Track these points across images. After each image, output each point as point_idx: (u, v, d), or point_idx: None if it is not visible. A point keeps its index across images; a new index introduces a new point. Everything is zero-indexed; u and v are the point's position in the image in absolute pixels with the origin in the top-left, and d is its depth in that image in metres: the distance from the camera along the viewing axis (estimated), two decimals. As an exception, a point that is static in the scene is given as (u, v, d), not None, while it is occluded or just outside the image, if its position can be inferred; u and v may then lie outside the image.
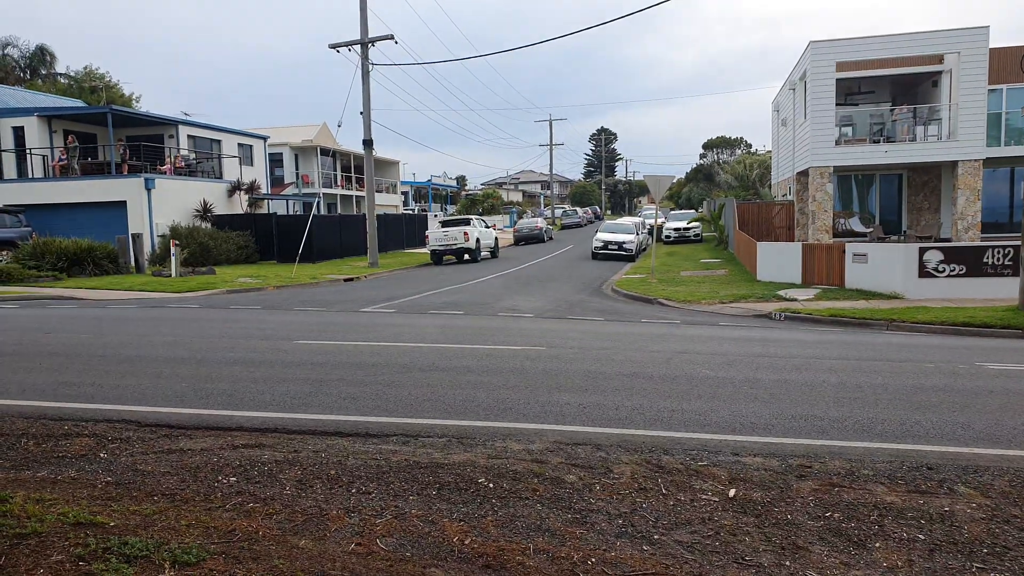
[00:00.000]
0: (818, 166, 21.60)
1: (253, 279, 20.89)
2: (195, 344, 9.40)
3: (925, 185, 23.85)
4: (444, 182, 78.86)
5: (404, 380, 7.02)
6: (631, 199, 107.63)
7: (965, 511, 3.85)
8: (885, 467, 4.55)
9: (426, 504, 3.89)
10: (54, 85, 44.53)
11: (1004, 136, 22.50)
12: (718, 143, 77.95)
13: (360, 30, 26.68)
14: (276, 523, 3.60)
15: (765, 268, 19.21)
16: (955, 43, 20.32)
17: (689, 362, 8.14)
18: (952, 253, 15.15)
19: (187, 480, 4.23)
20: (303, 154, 42.67)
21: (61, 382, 6.93)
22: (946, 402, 6.27)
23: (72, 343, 9.46)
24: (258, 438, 5.13)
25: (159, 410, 5.89)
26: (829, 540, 3.50)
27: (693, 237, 36.65)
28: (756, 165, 53.39)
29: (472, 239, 28.98)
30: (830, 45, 21.24)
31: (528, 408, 5.97)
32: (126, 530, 3.41)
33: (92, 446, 4.90)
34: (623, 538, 3.50)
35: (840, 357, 8.74)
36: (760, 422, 5.59)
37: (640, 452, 4.82)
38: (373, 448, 4.87)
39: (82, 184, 25.43)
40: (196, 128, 31.44)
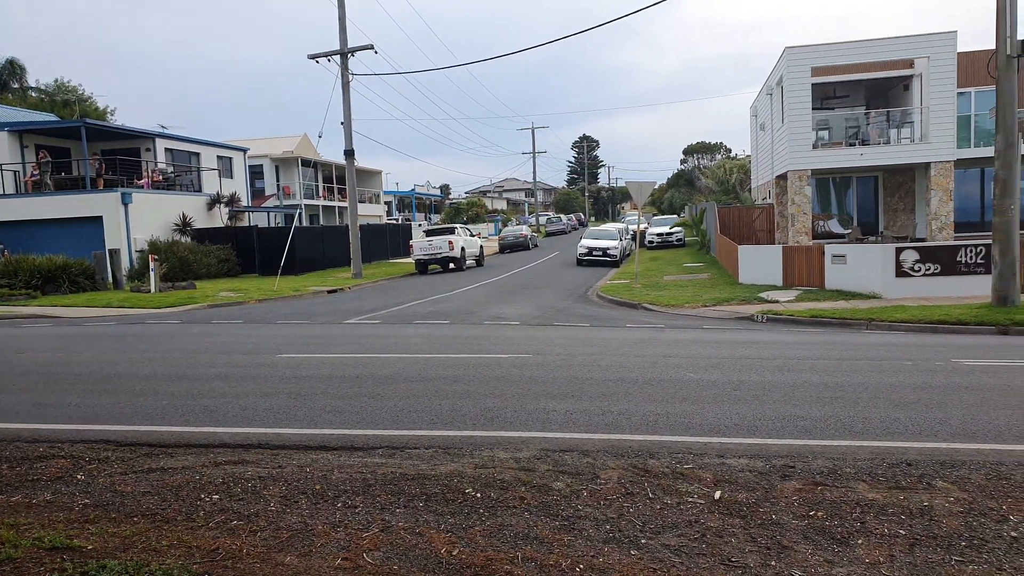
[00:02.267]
0: (796, 169, 21.89)
1: (234, 293, 20.70)
2: (175, 360, 9.29)
3: (900, 186, 24.25)
4: (428, 191, 78.82)
5: (389, 391, 6.99)
6: (614, 205, 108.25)
7: (944, 505, 3.91)
8: (866, 465, 4.61)
9: (413, 516, 3.87)
10: (25, 99, 43.89)
11: (974, 138, 22.96)
12: (698, 148, 78.64)
13: (340, 40, 26.66)
14: (261, 540, 3.56)
15: (747, 271, 19.40)
16: (924, 48, 20.75)
17: (674, 366, 8.19)
18: (927, 253, 15.40)
19: (168, 499, 4.17)
20: (284, 165, 42.45)
21: (36, 402, 6.81)
22: (924, 399, 6.36)
23: (47, 362, 9.31)
24: (241, 454, 5.07)
25: (139, 428, 5.81)
26: (813, 539, 3.54)
27: (676, 242, 36.94)
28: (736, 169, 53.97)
29: (457, 248, 28.95)
30: (805, 51, 21.57)
31: (515, 416, 5.96)
32: (104, 553, 3.36)
33: (69, 467, 4.81)
34: (611, 543, 3.51)
35: (821, 357, 8.84)
36: (744, 423, 5.63)
37: (626, 457, 4.84)
38: (359, 461, 4.84)
39: (56, 200, 25.06)
40: (174, 141, 31.14)
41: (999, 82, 12.56)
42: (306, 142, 45.46)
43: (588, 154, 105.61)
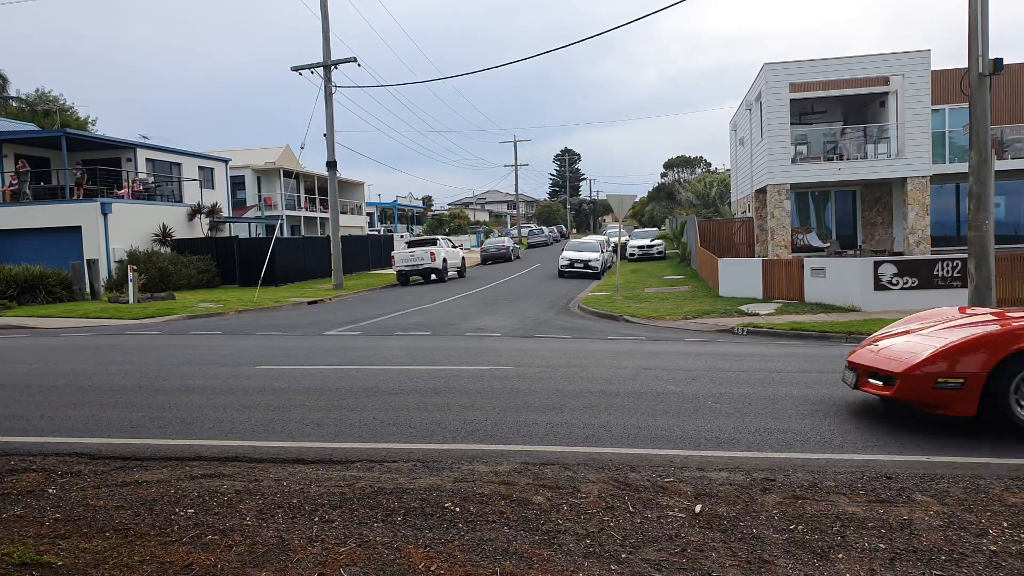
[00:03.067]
0: (775, 183, 22.16)
1: (214, 304, 20.47)
2: (152, 372, 9.14)
3: (878, 201, 24.65)
4: (410, 203, 78.73)
5: (369, 404, 6.92)
6: (595, 218, 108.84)
7: (923, 519, 3.93)
8: (847, 478, 4.63)
9: (391, 531, 3.82)
10: (5, 108, 43.32)
11: (949, 153, 23.43)
12: (679, 162, 79.43)
13: (323, 52, 26.64)
14: (236, 555, 3.49)
15: (727, 284, 19.55)
16: (899, 66, 21.19)
17: (655, 378, 8.20)
18: (905, 266, 15.63)
19: (142, 514, 4.09)
20: (266, 176, 42.20)
21: (8, 415, 6.66)
22: (903, 412, 6.41)
23: (21, 373, 9.12)
24: (217, 467, 4.98)
25: (113, 441, 5.70)
26: (794, 553, 3.54)
27: (656, 254, 37.19)
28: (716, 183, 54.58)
29: (439, 259, 28.91)
30: (783, 67, 21.92)
31: (495, 429, 5.93)
32: (75, 570, 3.27)
33: (40, 481, 4.70)
34: (591, 558, 3.48)
35: (802, 370, 8.90)
36: (725, 436, 5.64)
37: (607, 470, 4.82)
38: (337, 475, 4.77)
39: (34, 209, 24.70)
40: (155, 151, 30.86)
41: (972, 99, 12.83)
42: (288, 153, 45.25)
43: (570, 167, 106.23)
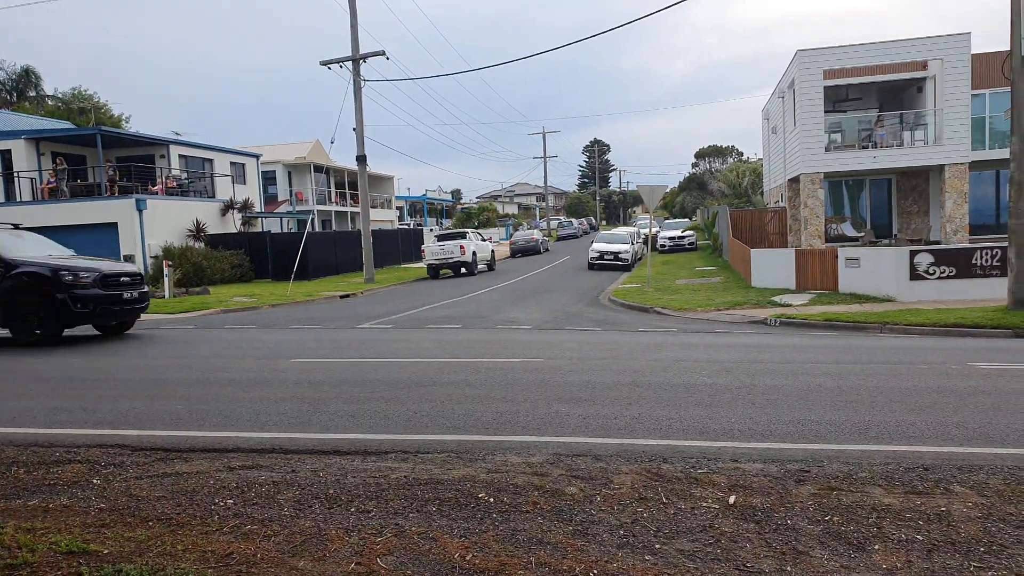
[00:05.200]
0: (809, 173, 21.77)
1: (248, 298, 20.83)
2: (189, 365, 9.35)
3: (914, 189, 24.05)
4: (439, 196, 79.05)
5: (402, 396, 7.01)
6: (625, 209, 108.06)
7: (962, 510, 3.86)
8: (882, 469, 4.56)
9: (426, 521, 3.87)
10: (42, 107, 44.51)
11: (988, 139, 22.75)
12: (710, 152, 78.39)
13: (351, 46, 26.82)
14: (275, 545, 3.57)
15: (759, 274, 19.29)
16: (938, 50, 20.59)
17: (687, 370, 8.15)
18: (942, 255, 15.26)
19: (183, 504, 4.20)
20: (296, 171, 42.73)
21: (53, 407, 6.88)
22: (940, 403, 6.29)
23: (63, 367, 9.41)
24: (255, 459, 5.10)
25: (154, 433, 5.86)
26: (829, 544, 3.50)
27: (688, 245, 36.83)
28: (748, 173, 53.76)
29: (468, 252, 29.02)
30: (817, 54, 21.47)
31: (527, 420, 5.96)
32: (120, 557, 3.38)
33: (85, 472, 4.86)
34: (624, 549, 3.50)
35: (835, 361, 8.76)
36: (758, 428, 5.60)
37: (640, 461, 4.82)
38: (372, 466, 4.85)
39: (72, 206, 25.37)
40: (187, 148, 31.44)
41: (1014, 84, 12.45)
42: (318, 148, 45.74)
43: (599, 158, 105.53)
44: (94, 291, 11.26)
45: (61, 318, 11.13)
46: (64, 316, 11.13)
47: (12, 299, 11.07)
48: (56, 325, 11.20)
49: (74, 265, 11.50)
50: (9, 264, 11.17)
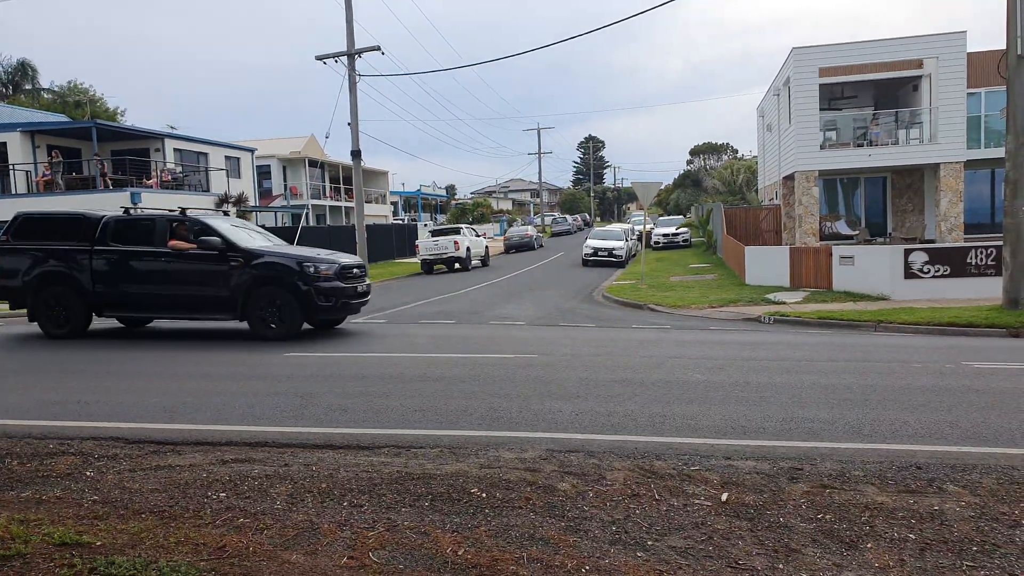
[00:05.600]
0: (804, 170, 21.79)
1: (241, 292, 20.72)
2: (183, 358, 9.32)
3: (909, 187, 24.11)
4: (434, 192, 78.88)
5: (395, 391, 6.99)
6: (620, 206, 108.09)
7: (954, 509, 3.87)
8: (875, 467, 4.58)
9: (418, 516, 3.87)
10: (37, 100, 44.22)
11: (984, 138, 22.82)
12: (705, 149, 78.40)
13: (346, 41, 26.70)
14: (267, 538, 3.56)
15: (753, 272, 19.33)
16: (934, 48, 20.63)
17: (680, 367, 8.16)
18: (937, 254, 15.31)
19: (176, 497, 4.19)
20: (291, 166, 42.56)
21: (46, 400, 6.85)
22: (934, 401, 6.31)
23: (56, 360, 9.36)
24: (248, 452, 5.08)
25: (147, 426, 5.83)
26: (821, 542, 3.51)
27: (682, 243, 36.86)
28: (742, 170, 53.82)
29: (462, 248, 28.99)
30: (813, 51, 21.48)
31: (521, 416, 5.96)
32: (113, 549, 3.37)
33: (78, 464, 4.84)
34: (617, 545, 3.50)
35: (829, 359, 8.79)
36: (751, 425, 5.61)
37: (633, 458, 4.82)
38: (365, 460, 4.84)
39: (67, 199, 25.16)
40: (182, 141, 31.29)
41: (1010, 82, 12.48)
42: (313, 143, 45.56)
43: (594, 155, 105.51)
44: (336, 284, 10.57)
45: (304, 312, 10.48)
46: (308, 310, 10.48)
47: (253, 291, 10.41)
48: (298, 319, 10.53)
49: (314, 256, 10.84)
50: (250, 255, 10.51)
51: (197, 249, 10.60)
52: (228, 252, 10.51)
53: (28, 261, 11.03)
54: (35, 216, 11.78)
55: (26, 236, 11.18)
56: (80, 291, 10.89)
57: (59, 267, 10.91)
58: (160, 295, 10.79)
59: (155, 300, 10.86)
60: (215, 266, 10.51)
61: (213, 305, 10.64)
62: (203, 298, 10.66)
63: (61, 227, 11.20)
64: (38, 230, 11.25)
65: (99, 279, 10.83)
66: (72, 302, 10.95)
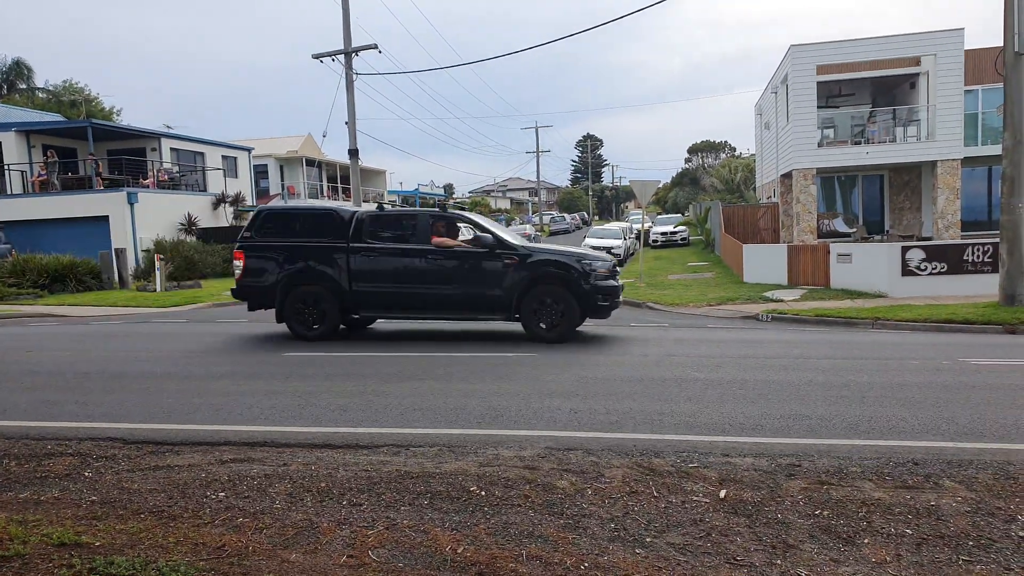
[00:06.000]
0: (801, 168, 21.82)
1: (239, 292, 20.71)
2: (181, 359, 9.31)
3: (906, 185, 24.15)
4: (431, 191, 78.85)
5: (394, 390, 7.00)
6: (618, 204, 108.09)
7: (951, 505, 3.89)
8: (872, 464, 4.59)
9: (418, 514, 3.87)
10: (32, 100, 44.10)
11: (981, 136, 22.86)
12: (703, 147, 78.41)
13: (344, 40, 26.68)
14: (266, 537, 3.57)
15: (751, 270, 19.35)
16: (931, 46, 20.66)
17: (678, 364, 8.17)
18: (934, 251, 15.34)
19: (175, 497, 4.19)
20: (288, 165, 42.53)
21: (43, 400, 6.85)
22: (931, 398, 6.33)
23: (54, 361, 9.35)
24: (247, 452, 5.09)
25: (145, 426, 5.83)
26: (819, 538, 3.53)
27: (680, 241, 36.87)
28: (740, 168, 53.85)
29: (460, 247, 28.94)
30: (810, 49, 21.50)
31: (519, 414, 5.96)
32: (112, 550, 3.37)
33: (76, 465, 4.84)
34: (616, 542, 3.51)
35: (827, 356, 8.81)
36: (749, 423, 5.62)
37: (631, 455, 4.83)
38: (363, 459, 4.85)
39: (63, 199, 25.17)
40: (179, 141, 31.24)
41: (1007, 79, 12.50)
42: (310, 142, 45.53)
43: (592, 153, 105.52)
44: (611, 282, 10.13)
45: (582, 311, 10.03)
46: (587, 309, 10.04)
47: (528, 291, 9.93)
48: (576, 319, 10.06)
49: (588, 254, 10.38)
50: (524, 252, 10.10)
51: (467, 247, 10.16)
52: (500, 250, 10.08)
53: (277, 259, 10.46)
54: (278, 212, 11.24)
55: (269, 233, 10.62)
56: (336, 291, 10.32)
57: (313, 266, 10.33)
58: (424, 294, 10.26)
59: (418, 299, 10.31)
60: (488, 264, 10.05)
61: (484, 304, 10.15)
62: (473, 297, 10.14)
63: (308, 223, 10.64)
64: (282, 227, 10.68)
65: (357, 278, 10.27)
66: (327, 302, 10.37)
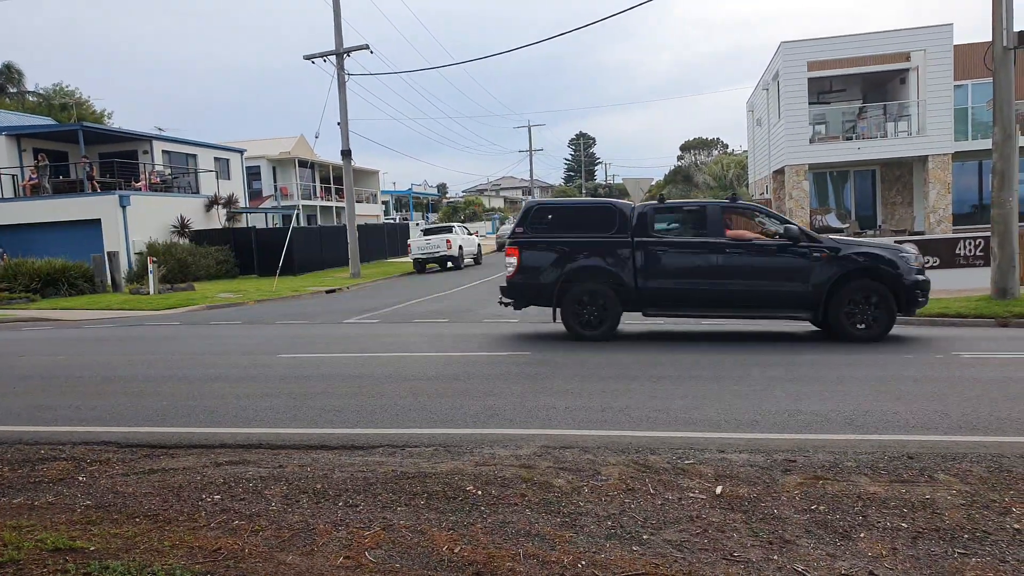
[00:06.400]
0: (794, 164, 21.90)
1: (233, 294, 20.68)
2: (175, 362, 9.28)
3: (898, 180, 24.27)
4: (425, 190, 78.85)
5: (389, 390, 6.99)
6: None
7: (946, 498, 3.91)
8: (868, 458, 4.61)
9: (414, 514, 3.87)
10: (23, 103, 43.84)
11: (971, 130, 22.98)
12: (695, 144, 78.56)
13: (335, 41, 26.61)
14: (263, 540, 3.56)
15: (745, 266, 19.37)
16: (920, 41, 20.76)
17: (674, 362, 8.19)
18: (926, 246, 15.40)
19: (170, 500, 4.17)
20: (281, 166, 42.41)
21: (37, 405, 6.81)
22: (924, 392, 6.36)
23: (48, 365, 9.30)
24: (242, 454, 5.07)
25: (140, 430, 5.81)
26: (815, 533, 3.54)
27: (674, 238, 36.89)
28: (733, 165, 54.01)
29: (455, 247, 28.95)
30: (801, 45, 21.57)
31: (515, 413, 5.96)
32: (107, 554, 3.36)
33: (70, 469, 4.81)
34: (613, 539, 3.51)
35: (822, 351, 8.83)
36: (745, 418, 5.63)
37: (627, 453, 4.84)
38: (359, 460, 4.84)
39: (54, 203, 25.02)
40: (171, 143, 31.11)
41: (996, 74, 12.57)
42: (303, 143, 45.41)
43: (585, 151, 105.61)
44: (923, 276, 9.43)
45: (898, 309, 9.33)
46: (905, 307, 9.35)
47: (839, 287, 9.25)
48: (891, 318, 9.36)
49: (900, 247, 9.68)
50: (832, 247, 9.40)
51: (766, 239, 9.74)
52: (807, 243, 9.48)
53: (554, 255, 9.98)
54: (551, 206, 10.87)
55: (542, 229, 10.19)
56: (621, 288, 9.81)
57: (596, 262, 9.84)
58: (720, 291, 9.66)
59: (713, 297, 9.72)
60: (793, 258, 9.43)
61: (787, 302, 9.52)
62: (775, 294, 9.52)
63: (585, 217, 10.19)
64: (555, 222, 10.23)
65: (644, 274, 9.76)
66: (609, 300, 9.85)
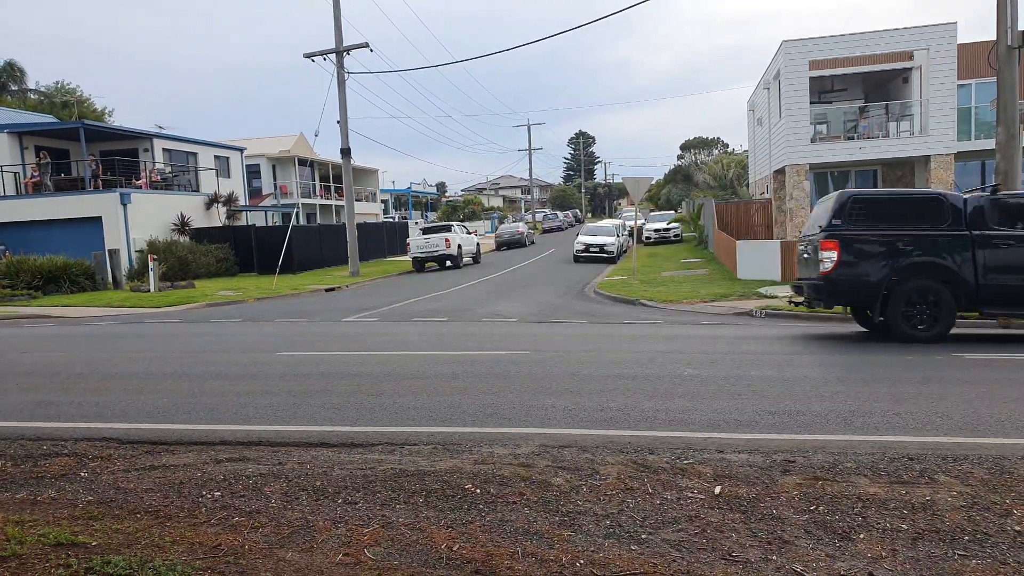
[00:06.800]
0: (794, 164, 21.88)
1: (233, 292, 20.69)
2: (175, 359, 9.28)
3: (899, 180, 24.23)
4: (424, 189, 78.82)
5: (388, 389, 6.99)
6: (611, 201, 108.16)
7: (946, 500, 3.91)
8: (867, 459, 4.61)
9: (413, 512, 3.87)
10: (24, 101, 43.82)
11: (974, 130, 22.94)
12: (695, 144, 78.52)
13: (335, 39, 26.61)
14: (262, 536, 3.56)
15: (745, 266, 19.39)
16: (924, 40, 20.72)
17: (672, 361, 8.19)
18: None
19: (171, 496, 4.18)
20: (281, 165, 42.41)
21: (39, 401, 6.81)
22: (925, 393, 6.36)
23: (49, 361, 9.31)
24: (242, 451, 5.07)
25: (141, 426, 5.81)
26: (814, 533, 3.54)
27: (673, 238, 36.95)
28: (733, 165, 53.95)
29: (454, 245, 28.96)
30: (802, 44, 21.54)
31: (514, 412, 5.97)
32: (109, 549, 3.36)
33: (72, 465, 4.82)
34: (611, 539, 3.51)
35: (821, 351, 8.84)
36: (744, 419, 5.64)
37: (626, 452, 4.84)
38: (359, 458, 4.84)
39: (56, 200, 25.04)
40: (171, 141, 31.11)
41: (1000, 73, 12.56)
42: (303, 141, 45.42)
43: (584, 150, 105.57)
44: None
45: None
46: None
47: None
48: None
49: None
50: None
51: None
52: None
53: (881, 250, 9.38)
54: (870, 197, 10.17)
55: (861, 221, 9.57)
56: (957, 285, 9.24)
57: (929, 257, 9.28)
58: None
59: None
60: None
61: None
62: None
63: (910, 209, 9.62)
64: (876, 214, 9.60)
65: (986, 271, 9.20)
66: (944, 299, 9.27)
